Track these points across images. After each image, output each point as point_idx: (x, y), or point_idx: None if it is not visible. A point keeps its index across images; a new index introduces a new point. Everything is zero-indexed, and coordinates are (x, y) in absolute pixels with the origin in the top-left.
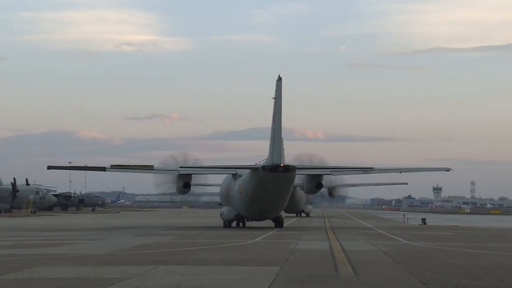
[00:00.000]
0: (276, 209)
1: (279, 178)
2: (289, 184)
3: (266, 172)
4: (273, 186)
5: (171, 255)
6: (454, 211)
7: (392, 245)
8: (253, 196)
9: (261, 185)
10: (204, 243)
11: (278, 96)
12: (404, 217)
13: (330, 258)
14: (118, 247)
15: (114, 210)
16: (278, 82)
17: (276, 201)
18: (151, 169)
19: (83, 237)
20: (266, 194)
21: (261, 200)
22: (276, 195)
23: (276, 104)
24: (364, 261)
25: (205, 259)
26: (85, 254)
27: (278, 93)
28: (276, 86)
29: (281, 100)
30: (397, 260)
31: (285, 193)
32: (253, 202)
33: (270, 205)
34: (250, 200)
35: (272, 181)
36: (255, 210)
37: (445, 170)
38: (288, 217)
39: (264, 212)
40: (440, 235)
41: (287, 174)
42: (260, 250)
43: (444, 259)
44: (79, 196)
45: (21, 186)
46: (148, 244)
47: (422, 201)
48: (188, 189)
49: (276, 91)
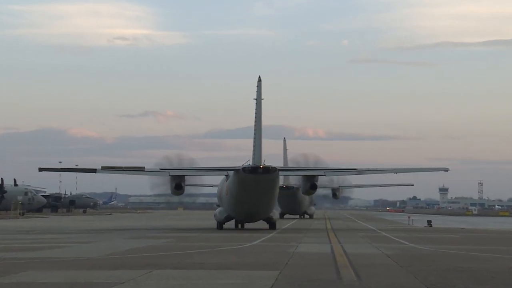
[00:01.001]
0: (264, 211)
1: (260, 179)
2: (272, 185)
3: (246, 174)
4: (255, 187)
5: (165, 259)
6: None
7: (397, 248)
8: (237, 198)
9: (243, 186)
10: (200, 246)
11: (259, 97)
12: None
13: (331, 261)
14: (110, 250)
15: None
16: (258, 83)
17: (262, 202)
18: (142, 170)
19: (73, 240)
20: (250, 196)
21: (246, 202)
22: (260, 197)
23: (257, 105)
24: (367, 265)
25: (202, 263)
26: (76, 257)
27: (258, 94)
28: (257, 87)
29: (261, 101)
30: (401, 264)
31: (269, 194)
32: (238, 203)
33: (256, 207)
34: (235, 201)
35: (253, 182)
36: (242, 211)
37: (444, 170)
38: (289, 219)
39: (252, 213)
40: (446, 237)
41: (268, 175)
42: (259, 254)
43: (451, 263)
44: (70, 197)
45: (9, 187)
46: (142, 247)
47: (428, 202)
48: (180, 191)
49: (257, 92)
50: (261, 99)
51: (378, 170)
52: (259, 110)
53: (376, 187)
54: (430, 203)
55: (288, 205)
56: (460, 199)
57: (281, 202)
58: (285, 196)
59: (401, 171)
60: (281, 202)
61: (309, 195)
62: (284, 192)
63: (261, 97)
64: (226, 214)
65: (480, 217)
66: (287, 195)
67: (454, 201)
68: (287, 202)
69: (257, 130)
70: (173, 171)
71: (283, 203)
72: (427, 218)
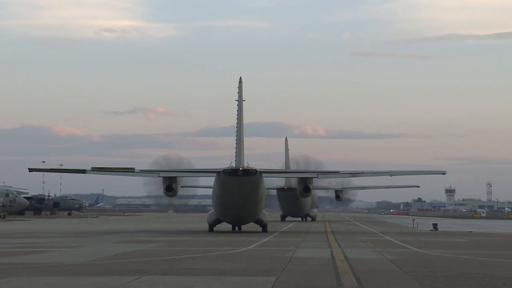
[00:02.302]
0: (251, 213)
1: (241, 182)
2: (254, 187)
3: (227, 176)
4: (237, 189)
5: (155, 264)
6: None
7: (400, 253)
8: (221, 200)
9: (225, 189)
10: (193, 251)
11: (240, 99)
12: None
13: (331, 267)
14: (96, 255)
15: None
16: (239, 84)
17: (246, 205)
18: (132, 171)
19: (58, 244)
20: (233, 198)
21: (229, 204)
22: (243, 199)
23: (238, 107)
24: (369, 271)
25: (194, 269)
26: (60, 263)
27: (239, 96)
28: (238, 88)
29: (242, 103)
30: (405, 270)
31: (253, 196)
32: (223, 205)
33: (241, 209)
34: (220, 203)
35: (233, 185)
36: (229, 214)
37: (441, 173)
38: (289, 221)
39: (239, 216)
40: (453, 242)
41: (248, 178)
42: (254, 259)
43: (458, 269)
44: (54, 199)
45: None
46: (130, 252)
47: (434, 205)
48: (171, 192)
49: (238, 94)
50: (243, 100)
51: (373, 173)
52: (241, 112)
53: (381, 188)
54: (436, 205)
55: (290, 207)
56: (468, 201)
57: (282, 204)
58: (286, 197)
59: (396, 173)
60: (282, 204)
61: (303, 197)
62: (285, 194)
63: (242, 99)
64: (215, 216)
65: (489, 220)
66: (289, 196)
67: (461, 203)
68: (288, 204)
69: (239, 132)
70: (163, 172)
71: (284, 205)
72: (432, 221)
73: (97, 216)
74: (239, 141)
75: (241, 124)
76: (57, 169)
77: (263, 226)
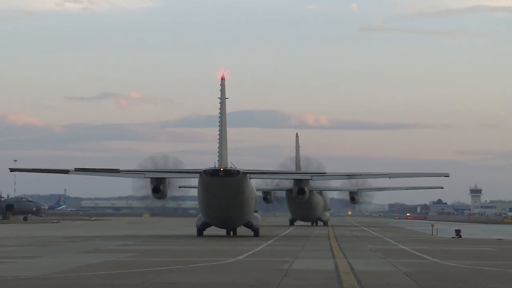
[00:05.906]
0: (238, 216)
1: (222, 183)
2: (237, 189)
3: (208, 177)
4: (220, 191)
5: (126, 278)
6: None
7: (417, 264)
8: (205, 202)
9: (207, 190)
10: (170, 262)
11: (223, 97)
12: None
13: (335, 281)
14: (57, 267)
15: (53, 218)
16: (221, 81)
17: (231, 207)
18: (117, 172)
19: (12, 254)
20: (217, 200)
21: (213, 206)
22: (228, 201)
23: (221, 105)
24: (380, 285)
25: (171, 283)
26: (15, 276)
27: (222, 94)
28: (220, 85)
29: (225, 101)
30: (423, 285)
31: (238, 198)
32: (208, 208)
33: (226, 212)
34: (205, 206)
35: (215, 186)
36: (215, 217)
37: (444, 176)
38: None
39: (224, 219)
40: (479, 251)
41: (230, 179)
42: (244, 271)
43: (485, 283)
44: (7, 200)
45: None
46: (97, 264)
47: (456, 207)
48: (158, 194)
49: (220, 91)
50: (225, 98)
51: (371, 175)
52: (223, 111)
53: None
54: (459, 208)
55: (299, 210)
56: (497, 202)
57: (291, 207)
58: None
59: (396, 176)
60: (292, 206)
61: (298, 200)
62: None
63: (224, 97)
64: (203, 220)
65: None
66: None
67: (489, 205)
68: (298, 208)
69: (222, 131)
70: (149, 173)
71: (294, 208)
72: (455, 226)
73: (58, 221)
74: (222, 140)
75: (224, 122)
76: (39, 169)
77: (254, 230)
